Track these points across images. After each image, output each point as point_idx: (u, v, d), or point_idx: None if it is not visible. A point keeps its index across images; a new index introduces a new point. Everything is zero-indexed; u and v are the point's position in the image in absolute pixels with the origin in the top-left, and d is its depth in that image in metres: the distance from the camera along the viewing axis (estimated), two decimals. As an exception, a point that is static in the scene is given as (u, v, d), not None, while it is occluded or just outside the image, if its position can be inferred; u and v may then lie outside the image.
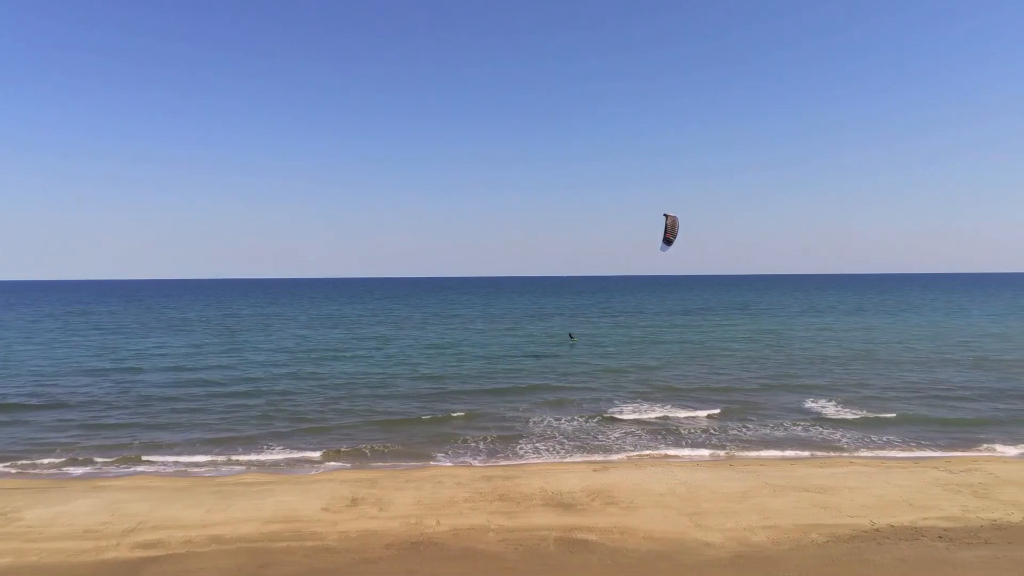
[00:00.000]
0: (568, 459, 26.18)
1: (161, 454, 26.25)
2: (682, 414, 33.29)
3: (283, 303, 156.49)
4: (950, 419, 32.64)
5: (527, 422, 32.00)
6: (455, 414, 32.77)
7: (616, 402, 35.97)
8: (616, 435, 29.63)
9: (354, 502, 20.66)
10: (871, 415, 33.13)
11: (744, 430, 30.44)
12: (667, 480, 22.70)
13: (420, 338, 69.60)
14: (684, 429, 30.45)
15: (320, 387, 38.80)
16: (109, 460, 25.56)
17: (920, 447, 27.76)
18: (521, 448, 27.90)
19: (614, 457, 26.44)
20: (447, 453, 27.10)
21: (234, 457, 25.89)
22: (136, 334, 75.83)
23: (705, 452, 26.88)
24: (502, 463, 25.65)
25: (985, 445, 27.73)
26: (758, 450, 27.13)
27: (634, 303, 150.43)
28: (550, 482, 22.57)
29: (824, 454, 26.71)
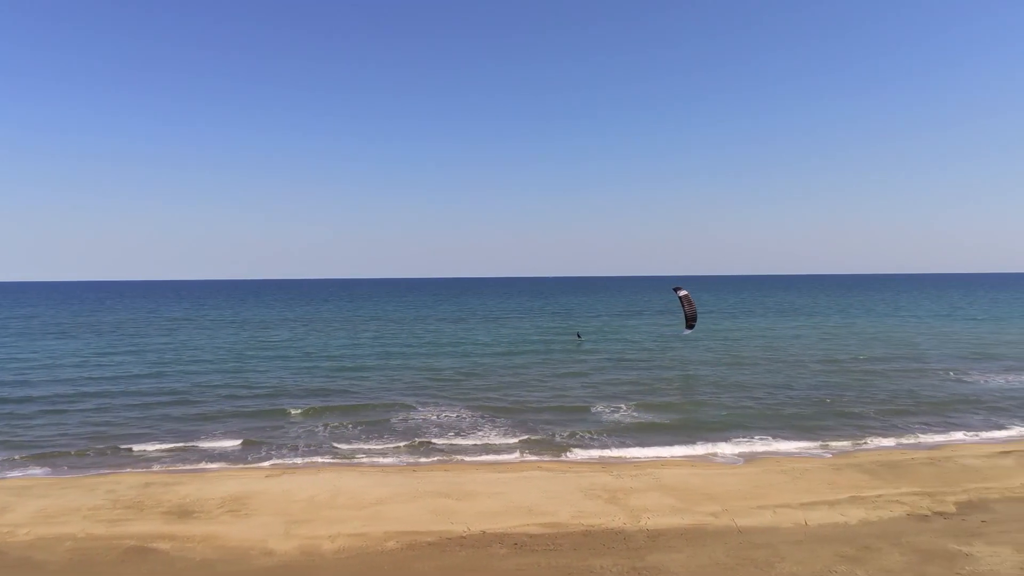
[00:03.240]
0: (264, 465, 26.04)
1: None
2: (459, 428, 33.04)
3: (226, 305, 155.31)
4: (721, 422, 32.71)
5: (293, 430, 31.70)
6: (224, 426, 32.40)
7: (413, 412, 35.04)
8: (356, 444, 29.28)
9: (-25, 511, 20.48)
10: (658, 420, 33.17)
11: (496, 436, 30.33)
12: (323, 486, 22.60)
13: (310, 344, 69.15)
14: (434, 437, 30.20)
15: (128, 403, 36.60)
16: None
17: (639, 447, 27.78)
18: (252, 455, 27.71)
19: (306, 460, 26.35)
20: (162, 461, 26.90)
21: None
22: (26, 338, 75.55)
23: (411, 458, 26.76)
24: (183, 469, 25.49)
25: (704, 450, 27.65)
26: (472, 456, 27.05)
27: (583, 304, 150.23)
28: (204, 488, 22.47)
29: (533, 458, 26.65)
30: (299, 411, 35.21)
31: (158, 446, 28.67)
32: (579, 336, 73.10)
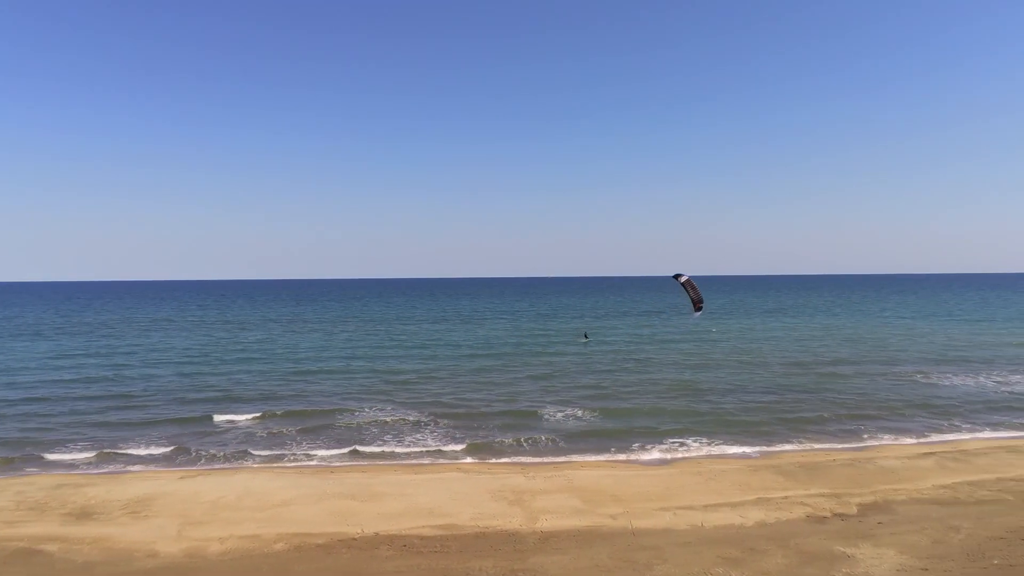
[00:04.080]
0: (185, 468, 26.04)
1: None
2: (398, 431, 33.07)
3: (214, 306, 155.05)
4: (662, 425, 32.62)
5: (231, 434, 31.66)
6: (161, 429, 32.32)
7: (357, 416, 34.78)
8: (287, 448, 29.06)
9: None
10: (600, 424, 33.07)
11: (432, 439, 30.33)
12: (233, 488, 22.59)
13: (280, 346, 69.01)
14: (368, 440, 30.18)
15: (73, 407, 36.49)
16: None
17: (569, 451, 27.77)
18: (181, 457, 27.74)
19: (232, 464, 26.38)
20: (88, 463, 26.91)
21: None
22: None
23: (336, 461, 26.75)
24: (100, 471, 25.48)
25: (635, 453, 27.56)
26: (399, 459, 27.03)
27: (572, 305, 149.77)
28: (113, 490, 22.46)
29: (455, 460, 26.62)
30: (243, 416, 34.95)
31: (88, 448, 28.67)
32: (586, 336, 73.88)
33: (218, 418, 34.20)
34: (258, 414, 35.19)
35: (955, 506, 20.30)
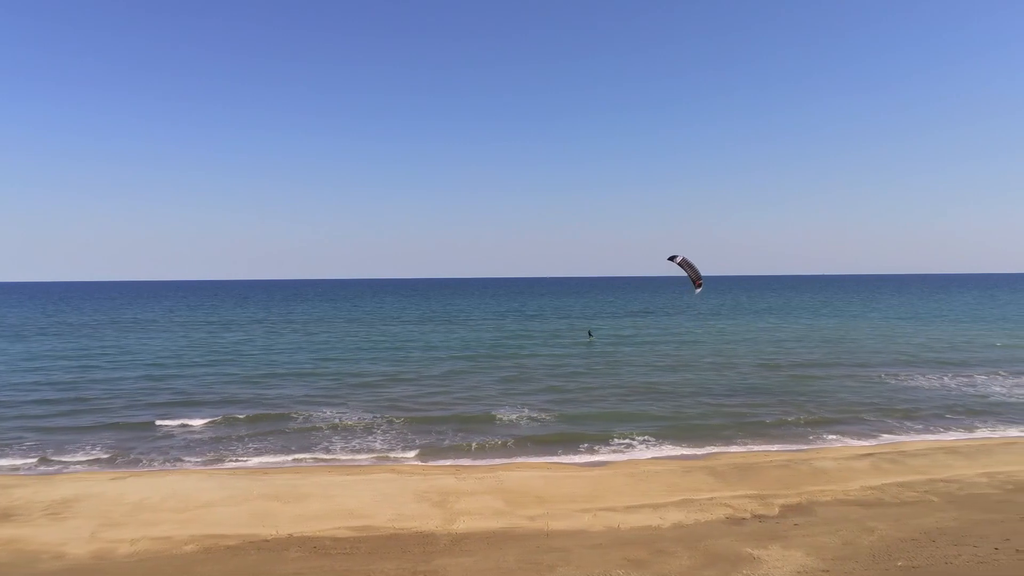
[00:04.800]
0: (121, 470, 26.00)
1: None
2: (349, 433, 33.09)
3: (206, 306, 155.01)
4: (613, 428, 32.57)
5: (177, 438, 31.61)
6: (111, 433, 32.25)
7: (311, 418, 34.58)
8: (230, 451, 28.84)
9: None
10: (554, 428, 32.84)
11: (379, 441, 30.35)
12: (161, 489, 22.55)
13: (256, 347, 69.02)
14: (314, 442, 30.13)
15: (28, 412, 36.30)
16: None
17: (513, 453, 27.75)
18: (120, 459, 27.73)
19: (172, 466, 26.33)
20: (28, 466, 26.87)
21: None
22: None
23: (275, 464, 26.68)
24: (32, 472, 25.46)
25: (577, 457, 27.52)
26: (339, 462, 26.96)
27: (565, 305, 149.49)
28: (40, 491, 22.44)
29: (392, 462, 26.57)
30: (197, 420, 34.43)
31: (30, 452, 28.61)
32: (590, 335, 75.08)
33: (171, 422, 34.02)
34: (214, 418, 34.94)
35: (877, 507, 20.24)
